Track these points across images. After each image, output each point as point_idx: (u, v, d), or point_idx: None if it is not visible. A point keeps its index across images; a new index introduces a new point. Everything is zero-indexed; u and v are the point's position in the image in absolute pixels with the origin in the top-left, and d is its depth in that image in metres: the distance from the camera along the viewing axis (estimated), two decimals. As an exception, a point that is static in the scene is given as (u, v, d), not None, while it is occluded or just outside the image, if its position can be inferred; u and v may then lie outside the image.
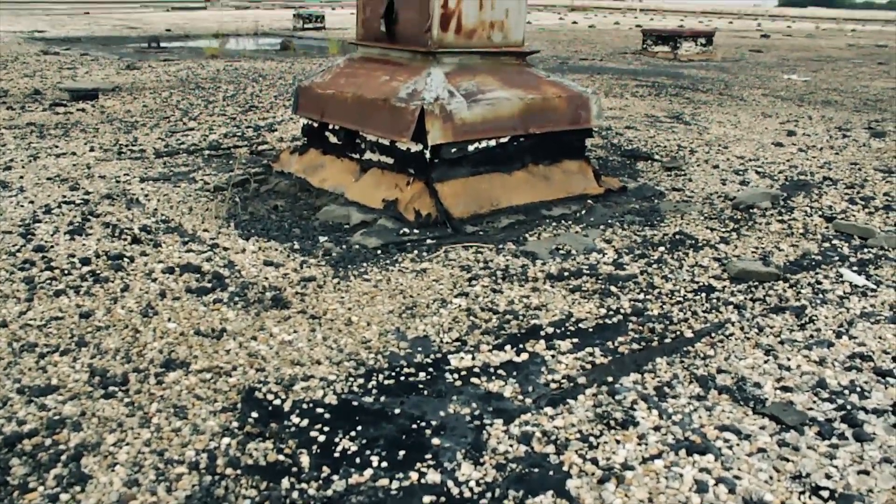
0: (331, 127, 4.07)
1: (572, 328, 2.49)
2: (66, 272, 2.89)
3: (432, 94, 3.45)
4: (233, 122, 6.12)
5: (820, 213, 3.89)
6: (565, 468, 1.79)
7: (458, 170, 3.58)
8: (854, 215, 3.89)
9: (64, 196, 3.91)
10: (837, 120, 7.31)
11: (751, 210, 3.84)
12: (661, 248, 3.25)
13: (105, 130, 5.69)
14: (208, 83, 8.70)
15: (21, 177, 4.29)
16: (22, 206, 3.74)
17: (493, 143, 3.66)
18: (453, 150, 3.52)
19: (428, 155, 3.46)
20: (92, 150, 5.01)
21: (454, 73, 3.66)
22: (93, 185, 4.13)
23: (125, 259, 3.01)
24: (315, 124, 4.20)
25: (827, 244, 3.42)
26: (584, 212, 3.74)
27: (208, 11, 39.18)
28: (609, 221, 3.64)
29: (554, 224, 3.55)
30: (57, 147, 5.09)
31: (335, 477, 1.75)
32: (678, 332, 2.49)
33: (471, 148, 3.59)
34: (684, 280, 2.92)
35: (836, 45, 21.64)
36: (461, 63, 3.74)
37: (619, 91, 8.85)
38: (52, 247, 3.16)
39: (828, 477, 1.78)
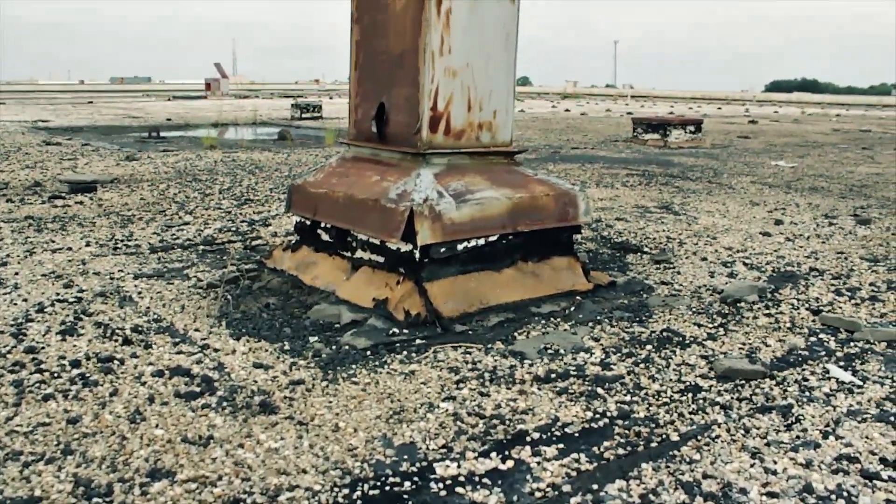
0: (323, 225, 4.14)
1: (558, 433, 2.50)
2: (55, 375, 2.90)
3: (421, 195, 3.53)
4: (228, 215, 6.21)
5: (807, 305, 3.93)
6: (550, 583, 1.77)
7: (447, 268, 3.63)
8: (840, 307, 3.93)
9: (57, 294, 3.94)
10: (824, 207, 7.42)
11: (738, 304, 3.88)
12: (649, 347, 3.27)
13: (102, 224, 5.77)
14: (205, 175, 8.84)
15: (16, 273, 4.34)
16: (15, 304, 3.77)
17: (481, 241, 3.72)
18: (442, 249, 3.58)
19: (417, 255, 3.51)
20: (88, 244, 5.08)
21: (443, 174, 3.75)
22: (87, 282, 4.17)
23: (115, 361, 3.03)
24: (307, 222, 4.27)
25: (813, 338, 3.45)
26: (572, 308, 3.78)
27: (209, 101, 40.05)
28: (598, 318, 3.67)
29: (543, 322, 3.58)
30: (53, 242, 5.15)
31: None
32: (664, 436, 2.50)
33: (460, 247, 3.65)
34: (671, 380, 2.93)
35: (822, 130, 22.08)
36: (450, 163, 3.83)
37: (609, 181, 9.01)
38: (43, 348, 3.18)
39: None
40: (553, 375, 2.93)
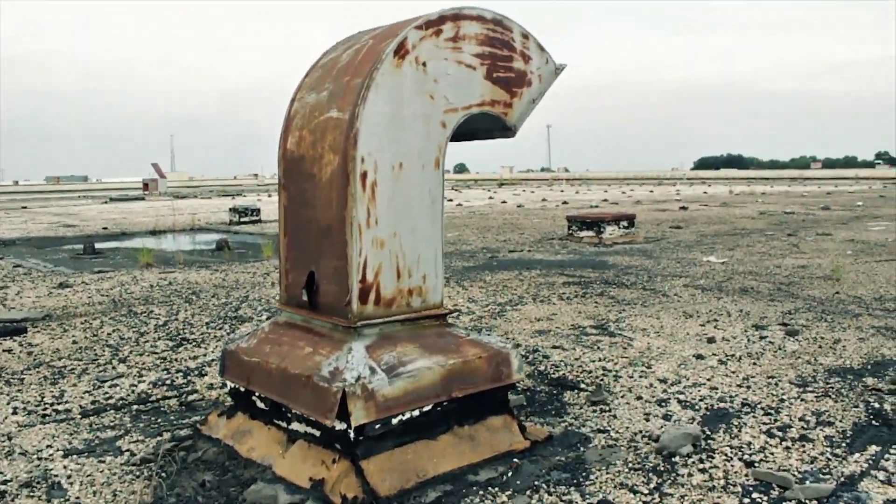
0: (257, 394, 4.10)
1: None
2: None
3: (353, 373, 3.54)
4: (163, 363, 6.10)
5: (740, 454, 3.99)
6: None
7: (383, 444, 3.62)
8: (772, 453, 4.01)
9: (-21, 488, 3.80)
10: (755, 314, 7.64)
11: (673, 458, 3.93)
12: (586, 524, 3.28)
13: (31, 381, 5.61)
14: (140, 305, 8.71)
15: (-65, 459, 4.17)
16: (-67, 503, 3.62)
17: (416, 412, 3.73)
18: (377, 426, 3.57)
19: (352, 435, 3.50)
20: (15, 412, 4.91)
21: (375, 345, 3.77)
22: (12, 466, 4.02)
23: (39, 580, 2.91)
24: (242, 389, 4.23)
25: (747, 500, 3.50)
26: (510, 474, 3.78)
27: (147, 202, 39.83)
28: (535, 483, 3.67)
29: (481, 493, 3.57)
30: (-23, 410, 4.98)
31: None
32: None
33: (395, 421, 3.64)
34: (609, 568, 2.93)
35: (749, 213, 22.87)
36: (382, 332, 3.85)
37: (546, 293, 9.14)
38: (-38, 563, 3.04)
39: None
40: (491, 573, 2.91)
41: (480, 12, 4.19)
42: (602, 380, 5.37)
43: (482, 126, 4.49)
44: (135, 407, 5.02)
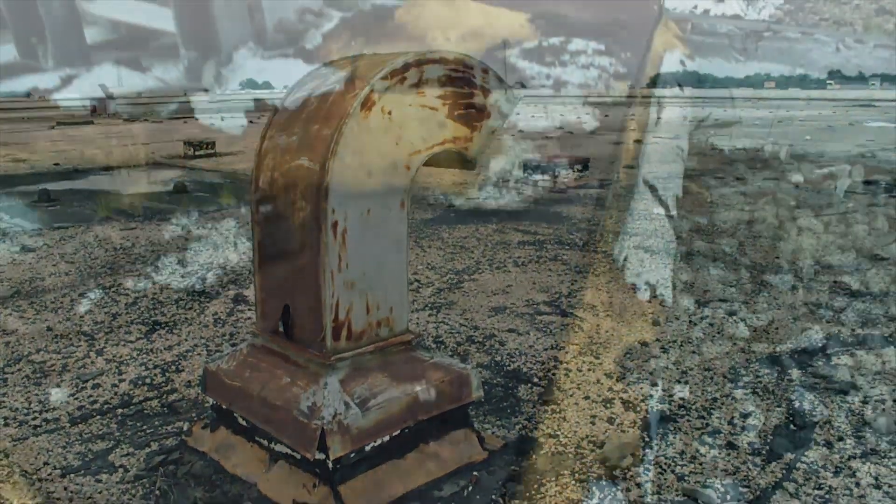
0: (239, 412, 4.47)
1: None
2: None
3: (330, 410, 3.93)
4: (139, 354, 6.41)
5: (673, 465, 4.49)
6: None
7: (358, 469, 4.04)
8: (702, 462, 4.52)
9: (-16, 520, 4.13)
10: (698, 287, 8.16)
11: (613, 472, 4.43)
12: (537, 546, 3.77)
13: (14, 381, 5.88)
14: (107, 275, 8.93)
15: (-64, 475, 4.49)
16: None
17: (387, 438, 4.14)
18: (352, 455, 3.99)
19: (330, 465, 3.91)
20: (6, 422, 5.19)
21: (348, 378, 4.15)
22: (17, 491, 4.36)
23: None
24: (224, 407, 4.59)
25: (677, 514, 4.01)
26: (470, 488, 4.24)
27: (96, 127, 38.97)
28: (493, 497, 4.15)
29: (446, 511, 4.04)
30: (-35, 419, 5.25)
31: None
32: None
33: (368, 448, 4.06)
34: None
35: (701, 148, 23.33)
36: (354, 364, 4.22)
37: (502, 257, 9.55)
38: None
39: None
40: None
41: (442, 54, 4.42)
42: (553, 373, 5.84)
43: (443, 158, 4.77)
44: (119, 411, 5.35)
